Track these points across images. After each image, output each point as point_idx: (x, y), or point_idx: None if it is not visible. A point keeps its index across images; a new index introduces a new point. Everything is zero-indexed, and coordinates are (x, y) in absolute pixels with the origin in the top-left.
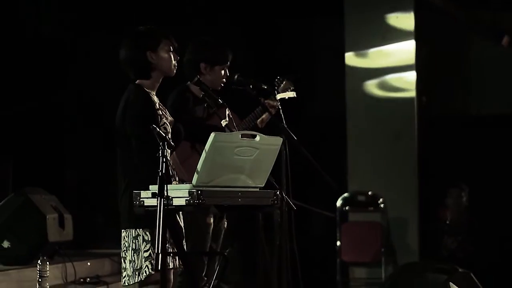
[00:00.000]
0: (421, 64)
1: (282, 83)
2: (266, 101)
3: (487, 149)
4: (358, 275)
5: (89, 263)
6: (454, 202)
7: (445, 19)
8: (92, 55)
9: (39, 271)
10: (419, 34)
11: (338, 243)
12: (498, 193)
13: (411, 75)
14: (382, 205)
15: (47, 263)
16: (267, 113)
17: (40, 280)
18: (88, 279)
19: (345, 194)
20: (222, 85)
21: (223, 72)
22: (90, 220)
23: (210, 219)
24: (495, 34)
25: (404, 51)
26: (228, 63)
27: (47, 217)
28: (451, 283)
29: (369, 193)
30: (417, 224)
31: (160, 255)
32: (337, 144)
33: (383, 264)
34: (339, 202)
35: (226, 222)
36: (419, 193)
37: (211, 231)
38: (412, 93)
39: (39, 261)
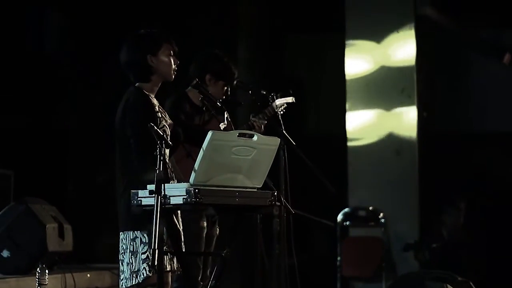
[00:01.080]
0: (422, 80)
1: (276, 99)
2: (253, 120)
3: (489, 166)
4: None
5: (88, 275)
6: (451, 222)
7: (446, 36)
8: (94, 69)
9: (38, 279)
10: (420, 51)
11: (339, 258)
12: (499, 209)
13: (412, 90)
14: (382, 220)
15: (46, 271)
16: (262, 121)
17: None
18: None
19: (346, 209)
20: (221, 100)
21: (225, 88)
22: (91, 235)
23: (204, 223)
24: (496, 52)
25: (405, 67)
26: (233, 81)
27: (46, 226)
28: (448, 286)
29: (370, 208)
30: (419, 238)
31: (156, 251)
32: (337, 159)
33: (384, 279)
34: (339, 217)
35: (218, 229)
36: (419, 208)
37: (204, 235)
38: (413, 108)
39: (38, 269)
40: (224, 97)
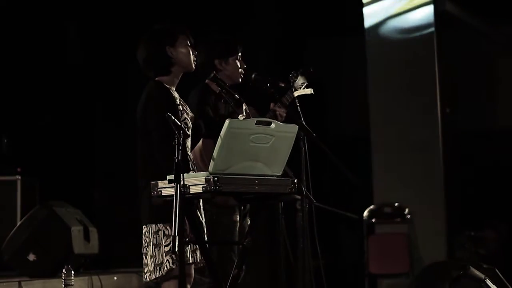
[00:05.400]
0: (445, 76)
1: (297, 78)
2: (274, 108)
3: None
4: (387, 286)
5: (115, 277)
6: (491, 245)
7: (468, 31)
8: (120, 76)
9: (64, 279)
10: (442, 47)
11: (366, 255)
12: None
13: (435, 87)
14: (408, 216)
15: (72, 272)
16: (283, 110)
17: None
18: None
19: (371, 206)
20: (242, 76)
21: (238, 62)
22: (118, 240)
23: (236, 217)
24: None
25: (427, 64)
26: (240, 52)
27: (71, 229)
28: (471, 267)
29: (396, 204)
30: (445, 234)
31: (176, 238)
32: (362, 159)
33: (411, 275)
34: (365, 214)
35: (249, 220)
36: (445, 203)
37: (237, 228)
38: (436, 105)
39: (64, 270)
40: (242, 71)
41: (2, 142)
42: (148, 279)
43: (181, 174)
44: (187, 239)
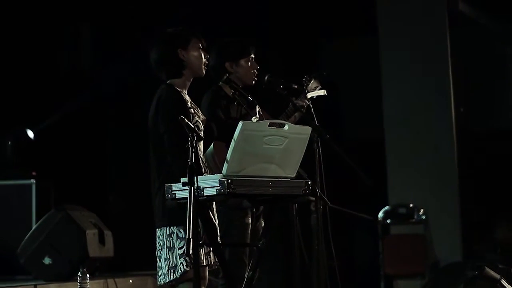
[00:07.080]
0: (458, 76)
1: (310, 81)
2: (296, 101)
3: None
4: (403, 287)
5: (131, 280)
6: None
7: (480, 30)
8: (137, 80)
9: (79, 283)
10: (454, 46)
11: (381, 256)
12: None
13: (448, 86)
14: (423, 217)
15: (87, 275)
16: (298, 112)
17: None
18: None
19: (386, 207)
20: (255, 78)
21: (249, 64)
22: (133, 243)
23: (248, 219)
24: None
25: (440, 63)
26: (252, 53)
27: (86, 232)
28: (486, 268)
29: (410, 205)
30: (460, 234)
31: (191, 240)
32: (376, 160)
33: (427, 275)
34: (380, 215)
35: (263, 222)
36: (460, 204)
37: (249, 231)
38: (450, 105)
39: (79, 273)
40: (255, 71)
41: (7, 145)
42: (162, 282)
43: (195, 177)
44: (201, 242)
